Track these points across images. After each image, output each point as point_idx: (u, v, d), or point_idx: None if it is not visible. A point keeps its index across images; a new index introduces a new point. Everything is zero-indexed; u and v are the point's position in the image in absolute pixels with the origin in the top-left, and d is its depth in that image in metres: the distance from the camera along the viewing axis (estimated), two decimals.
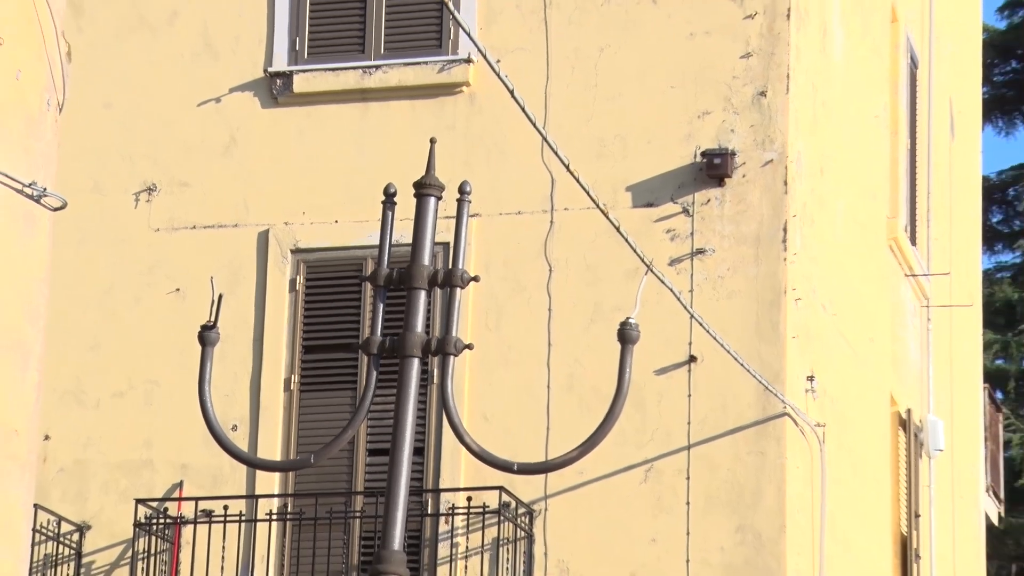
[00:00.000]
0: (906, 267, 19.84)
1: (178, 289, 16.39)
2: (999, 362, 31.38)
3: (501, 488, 15.30)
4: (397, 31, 16.91)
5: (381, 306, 10.13)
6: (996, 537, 25.75)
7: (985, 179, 27.12)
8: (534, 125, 14.46)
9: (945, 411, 20.92)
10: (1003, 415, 27.06)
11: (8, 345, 6.88)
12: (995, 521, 24.98)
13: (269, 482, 16.11)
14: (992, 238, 32.18)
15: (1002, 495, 26.06)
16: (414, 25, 16.90)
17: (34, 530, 15.76)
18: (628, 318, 10.05)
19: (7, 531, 6.94)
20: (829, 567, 16.33)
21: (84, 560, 16.53)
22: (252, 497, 16.09)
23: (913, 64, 20.65)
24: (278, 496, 16.25)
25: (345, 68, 16.85)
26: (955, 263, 22.06)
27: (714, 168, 15.94)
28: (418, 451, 14.96)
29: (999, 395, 27.69)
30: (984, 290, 25.86)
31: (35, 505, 15.88)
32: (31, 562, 15.81)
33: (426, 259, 9.93)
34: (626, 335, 9.93)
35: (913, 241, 20.15)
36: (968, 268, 23.87)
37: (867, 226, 18.69)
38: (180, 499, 16.29)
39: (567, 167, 14.77)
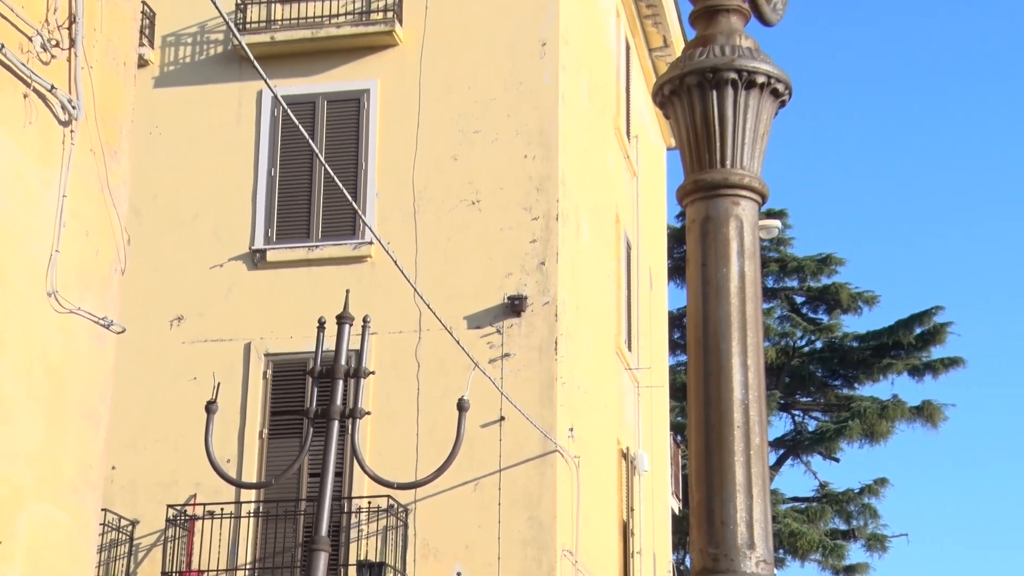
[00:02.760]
0: (625, 364, 20.01)
1: (195, 378, 16.09)
2: (679, 419, 31.60)
3: (388, 496, 15.20)
4: (328, 224, 16.81)
5: (316, 389, 10.22)
6: (677, 522, 25.92)
7: (670, 313, 27.50)
8: (409, 281, 14.64)
9: (648, 448, 20.97)
10: (681, 450, 27.35)
11: (86, 416, 6.78)
12: (677, 512, 25.22)
13: (248, 494, 15.85)
14: (674, 347, 32.53)
15: (681, 497, 26.37)
16: (338, 220, 16.76)
17: (103, 524, 15.50)
18: (463, 396, 10.23)
19: (84, 527, 6.80)
20: (582, 540, 16.32)
21: (134, 543, 16.22)
22: (238, 503, 15.84)
23: (628, 246, 20.80)
24: (254, 502, 15.98)
25: (297, 247, 16.76)
26: (653, 361, 22.18)
27: (515, 307, 16.04)
28: (338, 474, 14.87)
29: (679, 438, 27.99)
30: (670, 377, 26.12)
31: (104, 509, 15.65)
32: (100, 545, 15.60)
33: (343, 360, 10.05)
34: (462, 406, 10.10)
35: (629, 348, 20.27)
36: (660, 364, 23.98)
37: (603, 339, 18.75)
38: (194, 504, 15.96)
39: (428, 306, 14.96)
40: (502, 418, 15.73)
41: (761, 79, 2.84)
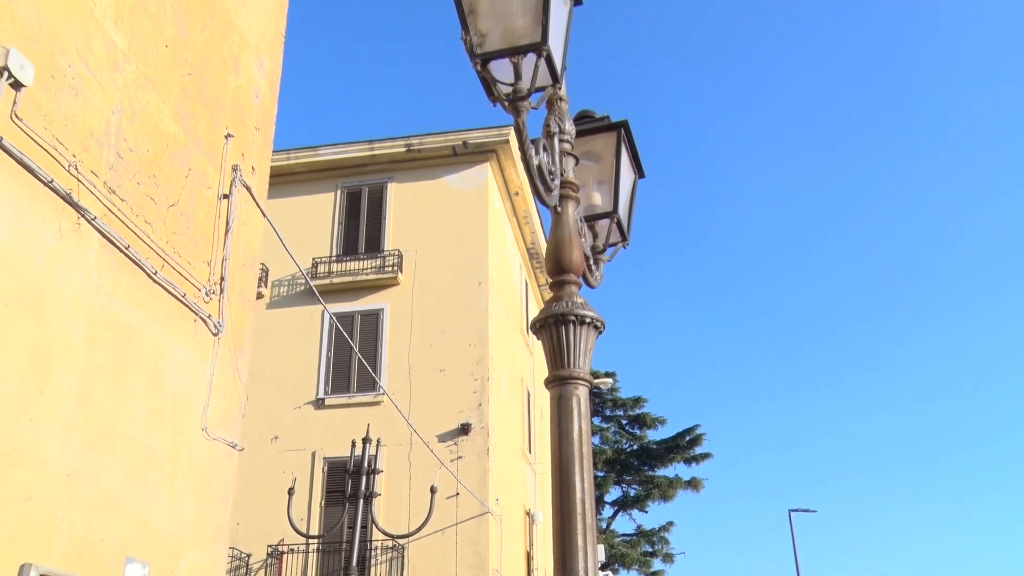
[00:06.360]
0: (527, 461, 19.58)
1: (283, 472, 15.58)
2: None
3: (393, 539, 14.63)
4: (359, 383, 16.41)
5: (350, 481, 9.91)
6: None
7: None
8: (404, 417, 14.46)
9: (541, 508, 20.38)
10: None
11: (221, 500, 6.55)
12: None
13: (313, 540, 15.23)
14: None
15: None
16: (365, 382, 16.41)
17: (231, 558, 14.70)
18: (433, 483, 9.99)
19: (217, 563, 6.49)
20: (504, 564, 15.75)
21: (249, 568, 15.29)
22: (307, 544, 15.09)
23: (528, 394, 20.52)
24: (316, 543, 15.26)
25: (342, 396, 16.34)
26: (543, 459, 21.64)
27: (465, 429, 15.71)
28: (363, 527, 14.31)
29: None
30: None
31: (231, 547, 14.87)
32: (229, 569, 14.70)
33: (365, 464, 9.80)
34: (432, 489, 9.86)
35: (530, 451, 19.92)
36: (547, 461, 23.73)
37: (514, 447, 18.31)
38: (282, 545, 15.22)
39: (415, 431, 14.77)
40: (457, 494, 15.30)
41: (588, 320, 2.95)
